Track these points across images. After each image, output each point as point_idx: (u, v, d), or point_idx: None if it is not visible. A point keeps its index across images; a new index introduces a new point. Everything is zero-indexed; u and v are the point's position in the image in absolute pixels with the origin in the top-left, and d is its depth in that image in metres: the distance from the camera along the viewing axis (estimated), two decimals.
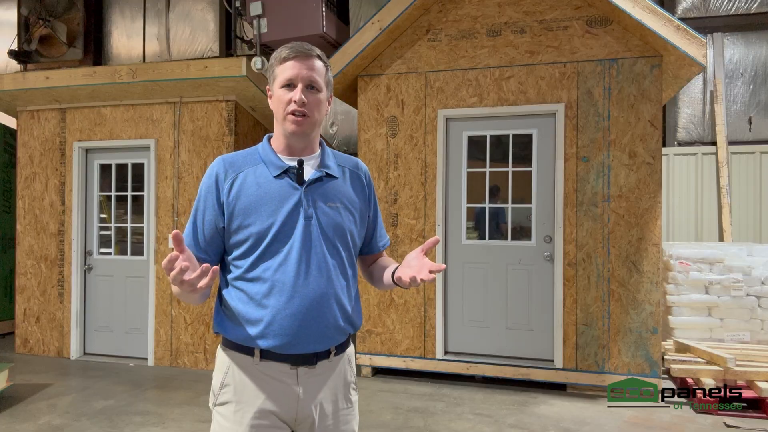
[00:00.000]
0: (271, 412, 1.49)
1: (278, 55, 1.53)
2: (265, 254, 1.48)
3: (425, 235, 4.90)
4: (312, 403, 1.51)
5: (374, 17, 4.83)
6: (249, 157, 1.57)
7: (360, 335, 5.05)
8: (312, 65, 1.51)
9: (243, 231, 1.49)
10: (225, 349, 1.56)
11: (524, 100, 4.71)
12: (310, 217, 1.51)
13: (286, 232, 1.49)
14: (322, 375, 1.54)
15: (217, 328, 1.57)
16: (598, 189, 4.52)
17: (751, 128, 7.00)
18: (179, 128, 5.36)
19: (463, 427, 3.84)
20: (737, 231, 6.72)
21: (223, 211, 1.51)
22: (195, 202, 1.56)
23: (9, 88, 5.48)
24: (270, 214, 1.49)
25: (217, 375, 1.56)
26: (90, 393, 4.53)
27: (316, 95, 1.52)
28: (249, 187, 1.51)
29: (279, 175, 1.52)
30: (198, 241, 1.53)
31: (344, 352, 1.61)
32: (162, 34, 9.41)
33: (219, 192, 1.52)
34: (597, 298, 4.50)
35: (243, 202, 1.50)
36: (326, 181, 1.57)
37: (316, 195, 1.53)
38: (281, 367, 1.49)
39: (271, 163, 1.54)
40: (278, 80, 1.52)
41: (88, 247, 5.67)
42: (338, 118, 8.60)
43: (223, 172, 1.53)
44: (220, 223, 1.52)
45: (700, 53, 4.16)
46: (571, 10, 4.60)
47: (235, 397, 1.50)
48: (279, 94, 1.52)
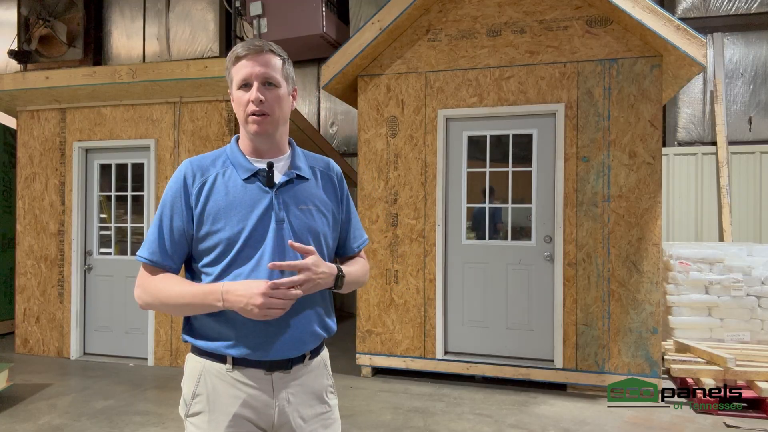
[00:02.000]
0: (246, 420, 1.45)
1: (231, 55, 1.48)
2: (237, 260, 1.43)
3: (425, 235, 4.90)
4: (289, 408, 1.47)
5: (374, 17, 4.83)
6: (217, 160, 1.52)
7: (360, 335, 5.05)
8: (266, 61, 1.46)
9: (212, 237, 1.44)
10: (195, 357, 1.51)
11: (524, 100, 4.71)
12: (282, 221, 1.46)
13: (258, 237, 1.44)
14: (298, 379, 1.50)
15: (186, 336, 1.52)
16: (598, 189, 4.52)
17: (751, 128, 7.00)
18: (179, 128, 5.36)
19: (463, 427, 3.84)
20: (737, 231, 6.72)
21: (192, 216, 1.46)
22: (159, 207, 1.50)
23: (9, 88, 5.48)
24: (240, 219, 1.44)
25: (188, 384, 1.51)
26: (90, 393, 4.53)
27: (274, 91, 1.47)
28: (218, 191, 1.46)
29: (248, 179, 1.48)
30: (165, 248, 1.47)
31: (319, 355, 1.57)
32: (162, 34, 9.41)
33: (188, 196, 1.46)
34: (597, 298, 4.50)
35: (212, 207, 1.45)
36: (297, 183, 1.53)
37: (287, 198, 1.49)
38: (255, 373, 1.45)
39: (239, 165, 1.49)
40: (235, 82, 1.48)
41: (88, 247, 5.67)
42: (338, 118, 8.60)
43: (191, 176, 1.48)
44: (189, 228, 1.47)
45: (700, 53, 4.16)
46: (571, 10, 4.60)
47: (208, 407, 1.45)
48: (237, 96, 1.47)
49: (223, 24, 9.08)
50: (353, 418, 3.98)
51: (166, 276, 1.47)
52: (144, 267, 1.49)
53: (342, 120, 8.57)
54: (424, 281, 4.91)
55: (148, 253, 1.47)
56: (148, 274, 1.48)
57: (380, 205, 5.03)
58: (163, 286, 1.44)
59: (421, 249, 4.92)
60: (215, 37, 9.16)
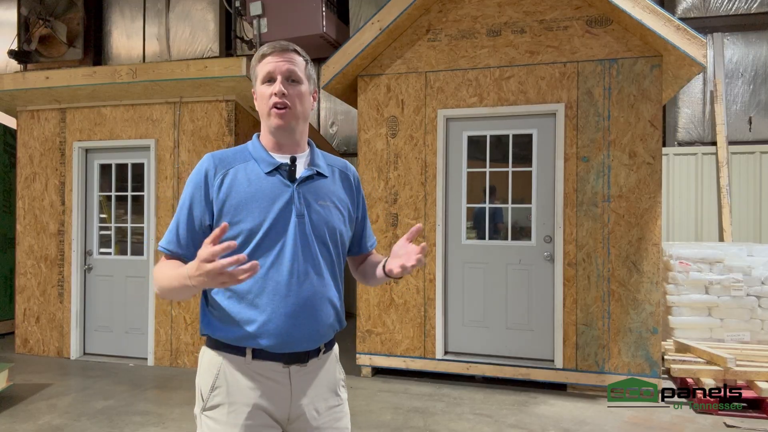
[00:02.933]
0: (264, 411, 1.47)
1: (258, 54, 1.54)
2: (257, 252, 1.46)
3: (425, 235, 4.90)
4: (304, 400, 1.50)
5: (374, 17, 4.83)
6: (239, 154, 1.55)
7: (360, 335, 5.05)
8: (290, 58, 1.52)
9: (233, 228, 1.46)
10: (214, 350, 1.52)
11: (524, 100, 4.71)
12: (302, 215, 1.49)
13: (278, 229, 1.47)
14: (313, 373, 1.53)
15: (205, 329, 1.53)
16: (598, 189, 4.52)
17: (751, 128, 7.00)
18: (179, 128, 5.36)
19: (463, 427, 3.84)
20: (737, 231, 6.72)
21: (212, 208, 1.49)
22: (181, 200, 1.53)
23: (9, 88, 5.48)
24: (262, 211, 1.46)
25: (205, 378, 1.51)
26: (90, 393, 4.53)
27: (296, 87, 1.52)
28: (240, 183, 1.49)
29: (270, 172, 1.51)
30: (181, 238, 1.49)
31: (332, 349, 1.61)
32: (162, 34, 9.41)
33: (208, 188, 1.49)
34: (597, 298, 4.50)
35: (234, 199, 1.47)
36: (317, 179, 1.56)
37: (308, 193, 1.52)
38: (274, 366, 1.48)
39: (262, 159, 1.53)
40: (259, 77, 1.53)
41: (88, 247, 5.67)
42: (338, 118, 8.60)
43: (213, 168, 1.50)
44: (207, 220, 1.49)
45: (700, 53, 4.16)
46: (571, 10, 4.60)
47: (228, 399, 1.47)
48: (261, 90, 1.52)
49: (223, 24, 9.08)
50: (353, 418, 3.96)
51: (167, 262, 1.48)
52: (164, 256, 1.53)
53: (342, 120, 8.57)
54: (424, 281, 4.91)
55: (165, 242, 1.51)
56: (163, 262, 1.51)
57: (380, 205, 5.03)
58: (165, 272, 1.44)
59: None
60: (215, 37, 9.16)
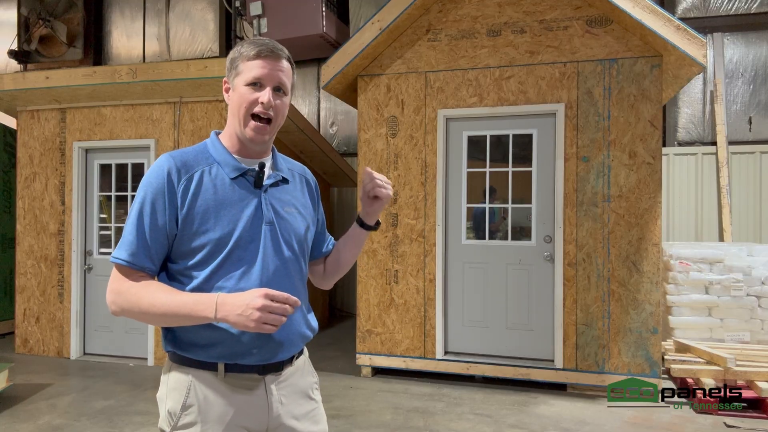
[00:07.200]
0: (241, 427, 1.41)
1: (246, 51, 1.42)
2: (226, 262, 1.38)
3: (425, 235, 4.90)
4: (282, 409, 1.47)
5: (374, 17, 4.83)
6: (201, 156, 1.44)
7: (360, 335, 5.05)
8: (282, 67, 1.44)
9: (200, 237, 1.37)
10: (182, 367, 1.41)
11: (524, 100, 4.71)
12: (272, 222, 1.44)
13: (248, 238, 1.40)
14: (288, 380, 1.50)
15: (168, 345, 1.42)
16: (598, 189, 4.52)
17: (751, 128, 6.99)
18: (179, 128, 5.36)
19: (463, 427, 3.84)
20: (737, 231, 6.72)
21: (176, 214, 1.37)
22: (138, 206, 1.37)
23: (9, 88, 5.48)
24: (231, 220, 1.39)
25: (174, 396, 1.40)
26: (90, 393, 4.52)
27: (282, 99, 1.45)
28: (206, 189, 1.39)
29: (236, 178, 1.43)
30: (145, 249, 1.36)
31: (303, 354, 1.59)
32: (162, 34, 9.41)
33: (172, 193, 1.37)
34: (597, 298, 4.50)
35: (200, 206, 1.38)
36: (281, 184, 1.52)
37: (273, 199, 1.47)
38: (248, 378, 1.42)
39: (226, 163, 1.44)
40: (243, 76, 1.42)
41: (88, 247, 5.67)
42: (338, 118, 8.60)
43: (176, 171, 1.38)
44: (173, 228, 1.38)
45: (700, 53, 4.16)
46: (571, 10, 4.60)
47: (200, 417, 1.38)
48: (243, 91, 1.41)
49: (223, 24, 9.08)
50: (353, 418, 3.98)
51: (149, 282, 1.37)
52: (119, 269, 1.37)
53: (342, 120, 8.57)
54: (424, 281, 4.91)
55: (127, 254, 1.35)
56: (124, 278, 1.36)
57: None
58: (145, 293, 1.32)
59: (421, 249, 4.92)
60: (215, 37, 9.16)
